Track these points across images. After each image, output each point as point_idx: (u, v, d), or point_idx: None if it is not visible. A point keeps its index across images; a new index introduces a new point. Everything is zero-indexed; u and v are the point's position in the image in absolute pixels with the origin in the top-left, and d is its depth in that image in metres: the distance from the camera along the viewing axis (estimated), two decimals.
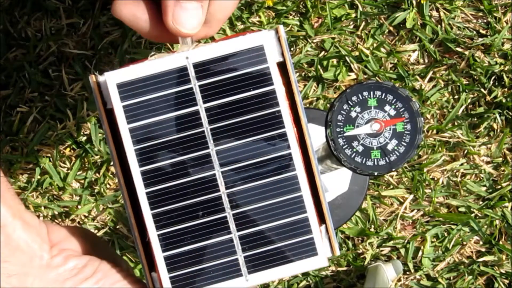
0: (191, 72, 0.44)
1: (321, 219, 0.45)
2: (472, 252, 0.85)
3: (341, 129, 0.49)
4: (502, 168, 0.85)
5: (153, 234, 0.44)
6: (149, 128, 0.44)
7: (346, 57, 0.84)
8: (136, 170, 0.44)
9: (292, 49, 0.85)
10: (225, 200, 0.44)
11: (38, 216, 0.82)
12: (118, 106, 0.43)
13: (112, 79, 0.43)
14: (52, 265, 0.45)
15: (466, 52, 0.84)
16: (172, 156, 0.44)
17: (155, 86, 0.43)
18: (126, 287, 0.46)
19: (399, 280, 0.84)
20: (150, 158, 0.44)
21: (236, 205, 0.45)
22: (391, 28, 0.85)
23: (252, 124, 0.44)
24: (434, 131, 0.84)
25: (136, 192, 0.44)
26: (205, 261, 0.45)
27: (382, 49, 0.85)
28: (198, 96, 0.44)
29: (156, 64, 0.43)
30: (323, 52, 0.84)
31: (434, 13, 0.85)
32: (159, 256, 0.44)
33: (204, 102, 0.44)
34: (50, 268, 0.45)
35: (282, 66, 0.45)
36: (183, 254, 0.44)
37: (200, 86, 0.44)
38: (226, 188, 0.44)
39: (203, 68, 0.44)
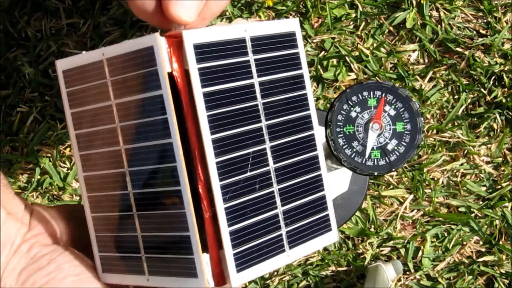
0: (249, 45, 0.44)
1: None
2: (472, 252, 0.85)
3: (341, 129, 0.49)
4: (502, 168, 0.85)
5: (220, 207, 0.41)
6: (221, 94, 0.42)
7: (346, 57, 0.84)
8: (207, 138, 0.41)
9: None
10: (273, 174, 0.44)
11: None
12: (193, 68, 0.40)
13: (189, 38, 0.40)
14: (18, 252, 0.45)
15: (466, 52, 0.84)
16: (238, 126, 0.42)
17: (222, 53, 0.42)
18: (76, 282, 0.44)
19: (399, 280, 0.84)
20: (221, 126, 0.41)
21: (281, 179, 0.44)
22: (391, 28, 0.85)
23: (287, 104, 0.45)
24: (434, 131, 0.84)
25: (207, 161, 0.41)
26: (258, 237, 0.43)
27: (382, 49, 0.85)
28: (254, 69, 0.44)
29: (224, 30, 0.42)
30: (323, 52, 0.84)
31: (434, 13, 0.85)
32: (225, 230, 0.41)
33: (258, 76, 0.44)
34: (15, 256, 0.45)
35: None
36: (246, 228, 0.42)
37: (255, 60, 0.44)
38: (274, 163, 0.44)
39: (258, 43, 0.44)
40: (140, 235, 0.43)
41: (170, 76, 0.40)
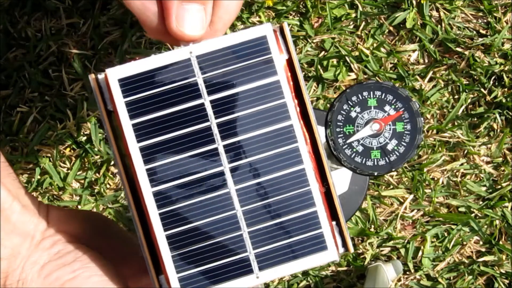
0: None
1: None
2: (472, 252, 0.85)
3: (341, 129, 0.49)
4: (502, 168, 0.85)
5: (331, 182, 0.42)
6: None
7: (346, 57, 0.84)
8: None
9: None
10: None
11: None
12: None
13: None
14: (40, 247, 0.45)
15: (466, 52, 0.84)
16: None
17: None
18: (100, 282, 0.45)
19: (399, 280, 0.84)
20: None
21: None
22: (391, 28, 0.85)
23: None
24: (434, 131, 0.84)
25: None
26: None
27: (382, 49, 0.85)
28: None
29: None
30: (323, 52, 0.84)
31: (434, 13, 0.85)
32: (338, 202, 0.42)
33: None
34: (37, 250, 0.45)
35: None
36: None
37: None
38: None
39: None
40: (246, 232, 0.42)
41: None
